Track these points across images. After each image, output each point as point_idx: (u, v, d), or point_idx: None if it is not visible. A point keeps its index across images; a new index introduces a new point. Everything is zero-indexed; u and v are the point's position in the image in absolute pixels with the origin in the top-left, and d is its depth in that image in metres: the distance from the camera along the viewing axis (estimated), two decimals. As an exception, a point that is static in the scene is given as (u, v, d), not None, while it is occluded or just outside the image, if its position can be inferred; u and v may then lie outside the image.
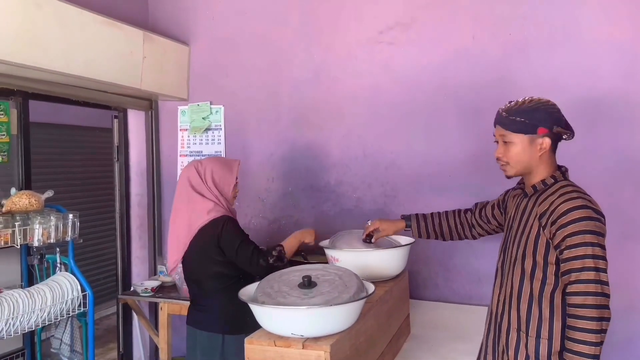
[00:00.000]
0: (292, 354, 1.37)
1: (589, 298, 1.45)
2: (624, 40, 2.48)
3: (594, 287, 1.45)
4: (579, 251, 1.46)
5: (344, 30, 2.99)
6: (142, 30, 2.91)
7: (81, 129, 4.87)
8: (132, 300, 3.10)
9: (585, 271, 1.45)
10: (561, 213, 1.50)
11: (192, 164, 2.28)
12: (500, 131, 1.63)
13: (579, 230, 1.47)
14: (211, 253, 2.14)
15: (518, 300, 1.60)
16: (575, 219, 1.48)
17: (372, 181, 2.97)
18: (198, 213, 2.17)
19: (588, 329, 1.44)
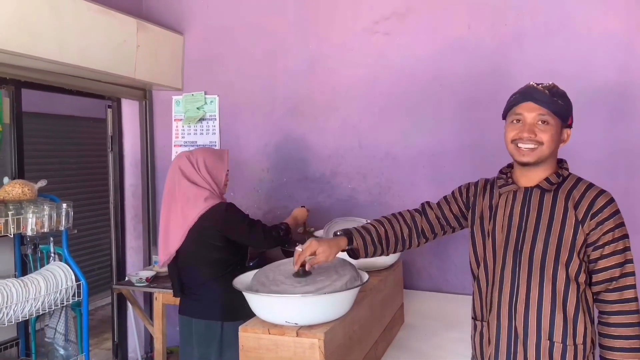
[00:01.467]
0: (286, 342, 1.38)
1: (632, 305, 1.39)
2: (618, 31, 2.49)
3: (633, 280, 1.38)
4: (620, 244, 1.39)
5: (339, 20, 2.98)
6: (136, 19, 2.89)
7: (75, 119, 4.84)
8: (126, 290, 3.10)
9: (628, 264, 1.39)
10: (601, 206, 1.40)
11: (183, 154, 2.29)
12: (538, 110, 1.42)
13: (619, 223, 1.40)
14: (212, 240, 2.16)
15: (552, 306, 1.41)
16: (614, 212, 1.40)
17: (367, 172, 2.97)
18: (193, 202, 2.17)
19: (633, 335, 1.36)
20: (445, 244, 2.82)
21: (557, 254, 1.39)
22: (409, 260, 2.83)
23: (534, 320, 1.41)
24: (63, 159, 4.81)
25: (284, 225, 2.35)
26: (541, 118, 1.42)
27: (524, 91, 1.45)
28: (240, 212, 2.23)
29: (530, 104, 1.43)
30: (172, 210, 2.22)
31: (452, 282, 2.82)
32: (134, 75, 2.89)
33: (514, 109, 1.46)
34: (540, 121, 1.42)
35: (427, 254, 2.86)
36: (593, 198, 1.40)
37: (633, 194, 2.50)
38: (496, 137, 2.66)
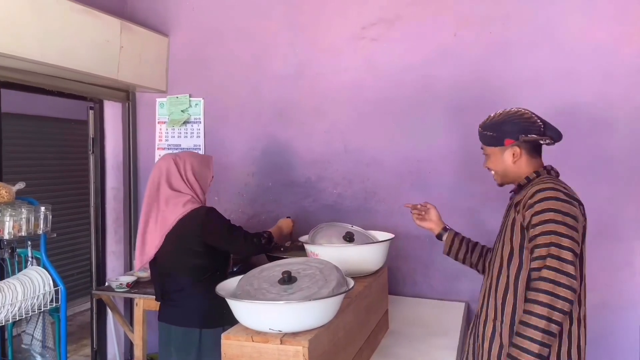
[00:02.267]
0: (270, 350, 1.35)
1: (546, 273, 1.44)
2: (603, 42, 2.52)
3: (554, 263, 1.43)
4: (546, 227, 1.48)
5: (327, 25, 2.98)
6: (120, 20, 2.85)
7: (55, 121, 4.76)
8: (106, 295, 3.03)
9: (545, 247, 1.46)
10: (530, 195, 1.56)
11: (169, 156, 2.24)
12: (481, 145, 1.77)
13: (545, 208, 1.50)
14: (191, 245, 2.11)
15: (496, 289, 1.63)
16: (541, 198, 1.52)
17: (353, 177, 2.96)
18: (172, 206, 2.13)
19: (535, 321, 1.41)
20: (430, 250, 2.82)
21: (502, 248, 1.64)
22: (394, 267, 2.82)
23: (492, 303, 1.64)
24: (43, 161, 4.71)
25: (266, 233, 2.30)
26: (483, 152, 1.77)
27: None
28: (221, 217, 2.18)
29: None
30: (152, 213, 2.17)
31: (437, 288, 2.82)
32: (117, 77, 2.85)
33: None
34: (484, 154, 1.77)
35: (412, 260, 2.86)
36: (528, 192, 1.57)
37: (616, 201, 2.54)
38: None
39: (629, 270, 2.53)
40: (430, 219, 2.07)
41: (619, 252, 2.55)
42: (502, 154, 1.69)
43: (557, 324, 1.41)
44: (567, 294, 1.41)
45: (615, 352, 2.57)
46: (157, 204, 2.16)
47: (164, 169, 2.19)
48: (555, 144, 2.13)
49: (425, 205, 2.09)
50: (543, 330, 1.40)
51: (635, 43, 2.48)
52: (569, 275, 1.42)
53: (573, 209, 1.52)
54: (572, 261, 1.43)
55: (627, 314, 2.54)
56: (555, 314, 1.40)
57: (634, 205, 2.52)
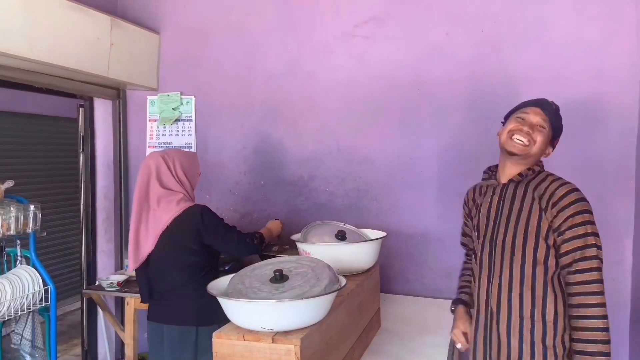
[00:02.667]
0: (262, 349, 1.35)
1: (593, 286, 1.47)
2: (594, 40, 2.54)
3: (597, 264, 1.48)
4: (581, 230, 1.49)
5: (319, 23, 2.97)
6: (110, 17, 2.82)
7: (45, 119, 4.71)
8: (96, 295, 3.01)
9: (589, 248, 1.48)
10: (561, 196, 1.53)
11: (157, 154, 2.23)
12: (542, 115, 1.63)
13: (580, 211, 1.51)
14: (187, 243, 2.11)
15: (521, 286, 1.55)
16: (573, 200, 1.51)
17: (345, 176, 2.96)
18: (165, 205, 2.12)
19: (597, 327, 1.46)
20: (422, 248, 2.83)
21: (524, 240, 1.55)
22: (386, 264, 2.83)
23: (505, 299, 1.57)
24: (32, 159, 4.67)
25: (258, 234, 2.33)
26: (542, 123, 1.61)
27: (536, 100, 1.68)
28: (216, 216, 2.19)
29: (537, 109, 1.63)
30: (144, 213, 2.15)
31: (429, 285, 2.83)
32: (107, 74, 2.82)
33: (522, 109, 1.66)
34: (540, 125, 1.61)
35: (404, 258, 2.86)
36: (554, 189, 1.54)
37: (606, 199, 2.55)
38: (473, 142, 2.71)
39: (619, 268, 2.55)
40: (464, 327, 1.78)
41: (609, 250, 2.54)
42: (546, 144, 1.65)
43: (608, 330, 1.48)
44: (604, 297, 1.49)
45: (605, 348, 2.59)
46: (148, 202, 2.15)
47: (153, 166, 2.17)
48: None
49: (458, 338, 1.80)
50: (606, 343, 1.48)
51: (624, 42, 2.50)
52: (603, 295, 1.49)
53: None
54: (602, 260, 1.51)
55: (617, 312, 2.56)
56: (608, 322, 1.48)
57: (624, 204, 2.54)
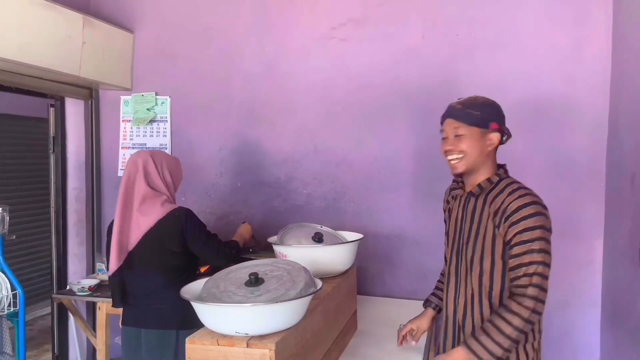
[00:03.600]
0: (236, 353, 1.33)
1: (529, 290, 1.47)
2: (565, 45, 2.59)
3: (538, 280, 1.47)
4: (532, 246, 1.48)
5: (296, 24, 2.96)
6: (83, 15, 2.76)
7: (14, 118, 4.58)
8: (67, 299, 2.93)
9: (533, 265, 1.47)
10: (512, 211, 1.50)
11: (145, 153, 2.19)
12: (453, 124, 1.60)
13: (529, 227, 1.48)
14: (171, 245, 2.09)
15: (480, 300, 1.58)
16: (525, 216, 1.49)
17: (322, 177, 2.95)
18: (150, 205, 2.09)
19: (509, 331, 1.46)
20: (399, 250, 2.85)
21: (481, 258, 1.58)
22: (363, 267, 2.83)
23: (469, 312, 1.61)
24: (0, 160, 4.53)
25: (235, 243, 2.33)
26: (457, 132, 1.59)
27: (445, 111, 1.65)
28: (199, 221, 2.18)
29: (448, 120, 1.62)
30: (127, 212, 2.11)
31: (406, 288, 2.84)
32: (78, 73, 2.76)
33: (441, 128, 1.66)
34: (456, 135, 1.59)
35: (381, 260, 2.87)
36: (508, 204, 1.52)
37: (578, 201, 2.61)
38: (449, 145, 2.74)
39: (590, 268, 2.61)
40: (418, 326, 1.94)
41: (580, 251, 2.62)
42: (483, 137, 1.58)
43: (525, 334, 1.48)
44: (542, 307, 1.48)
45: (577, 349, 2.64)
46: (132, 202, 2.11)
47: (141, 165, 2.13)
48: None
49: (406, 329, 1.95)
50: (513, 340, 1.47)
51: (595, 47, 2.56)
52: (545, 291, 1.49)
53: (549, 222, 1.53)
54: (548, 277, 1.49)
55: (588, 312, 2.62)
56: (528, 326, 1.47)
57: (594, 205, 2.59)
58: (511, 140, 1.68)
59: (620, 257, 2.34)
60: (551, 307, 2.64)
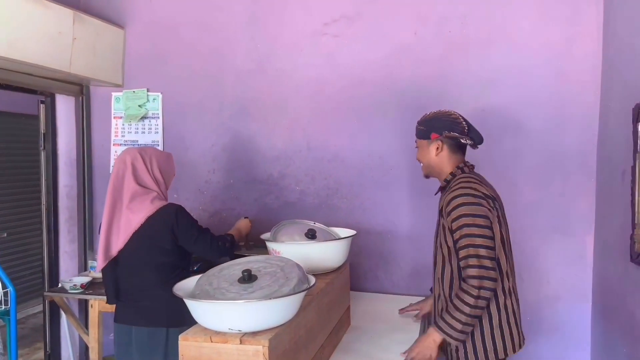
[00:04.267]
0: (229, 350, 1.32)
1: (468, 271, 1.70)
2: (556, 41, 2.61)
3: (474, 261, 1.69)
4: (462, 232, 1.72)
5: (289, 20, 2.95)
6: (73, 10, 2.73)
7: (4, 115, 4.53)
8: (59, 297, 2.92)
9: (465, 249, 1.71)
10: (447, 204, 1.78)
11: (134, 150, 2.18)
12: (415, 138, 1.96)
13: (459, 215, 1.73)
14: (161, 242, 2.07)
15: (442, 281, 1.87)
16: (455, 206, 1.74)
17: (315, 174, 2.95)
18: (139, 203, 2.08)
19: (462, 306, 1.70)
20: (392, 246, 2.85)
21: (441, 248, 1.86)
22: (356, 263, 2.84)
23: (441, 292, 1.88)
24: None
25: (229, 236, 2.30)
26: (415, 145, 1.98)
27: None
28: (190, 217, 2.17)
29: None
30: (117, 209, 2.10)
31: (399, 284, 2.85)
32: (69, 70, 2.73)
33: None
34: (415, 147, 1.97)
35: (374, 256, 2.88)
36: (447, 200, 1.78)
37: (568, 196, 2.63)
38: (441, 141, 2.74)
39: (581, 263, 2.63)
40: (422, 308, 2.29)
41: (571, 246, 2.64)
42: (428, 147, 1.89)
43: (480, 309, 1.70)
44: (490, 283, 1.68)
45: (568, 343, 2.67)
46: (121, 199, 2.10)
47: (129, 162, 2.12)
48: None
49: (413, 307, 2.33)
50: (468, 315, 1.69)
51: (586, 43, 2.57)
52: (488, 267, 1.69)
53: (481, 208, 1.73)
54: (487, 255, 1.70)
55: (579, 306, 2.64)
56: (480, 301, 1.68)
57: (584, 201, 2.61)
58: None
59: (610, 252, 2.36)
60: (542, 302, 2.67)
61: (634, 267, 2.03)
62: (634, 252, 2.02)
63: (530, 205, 2.64)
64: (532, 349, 2.65)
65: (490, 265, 1.68)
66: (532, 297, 2.64)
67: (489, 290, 1.68)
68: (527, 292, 2.57)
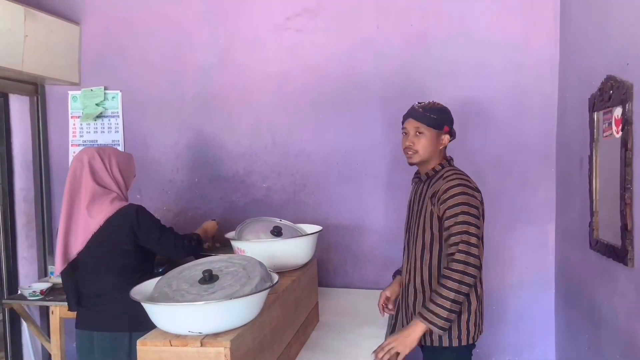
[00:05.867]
0: (190, 353, 1.29)
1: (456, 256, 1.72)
2: (515, 34, 2.65)
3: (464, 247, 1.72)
4: (457, 219, 1.75)
5: (250, 14, 2.90)
6: (24, 6, 2.62)
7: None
8: (18, 305, 2.81)
9: (459, 235, 1.73)
10: (443, 192, 1.80)
11: (92, 150, 2.12)
12: (414, 124, 1.89)
13: (456, 203, 1.76)
14: (121, 244, 2.02)
15: (421, 268, 1.87)
16: (452, 195, 1.78)
17: (281, 170, 2.92)
18: (98, 204, 2.02)
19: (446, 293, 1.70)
20: (360, 240, 2.86)
21: (423, 234, 1.87)
22: (325, 258, 2.83)
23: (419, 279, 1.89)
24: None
25: (195, 235, 2.26)
26: (417, 130, 1.89)
27: (408, 111, 1.94)
28: (152, 216, 2.12)
29: (410, 120, 1.91)
30: (74, 211, 2.03)
31: (367, 278, 2.86)
32: (21, 68, 2.62)
33: (403, 125, 1.95)
34: (416, 132, 1.89)
35: (342, 251, 2.88)
36: (441, 186, 1.81)
37: (530, 186, 2.69)
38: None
39: (543, 251, 2.69)
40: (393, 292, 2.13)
41: (533, 234, 2.70)
42: (438, 137, 1.89)
43: (464, 295, 1.72)
44: (474, 271, 1.72)
45: (533, 331, 2.72)
46: (79, 199, 2.03)
47: (86, 162, 2.06)
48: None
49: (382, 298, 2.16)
50: (452, 300, 1.70)
51: (542, 36, 2.62)
52: (475, 256, 1.73)
53: (476, 200, 1.80)
54: (476, 244, 1.74)
55: (542, 294, 2.70)
56: (463, 287, 1.71)
57: (545, 190, 2.67)
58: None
59: (571, 239, 2.42)
60: (506, 290, 2.72)
61: (593, 254, 2.08)
62: (593, 239, 2.07)
63: (493, 195, 2.67)
64: (498, 336, 2.71)
65: (477, 254, 1.73)
66: (496, 285, 2.68)
67: (472, 278, 1.71)
68: (491, 280, 2.61)
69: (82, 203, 2.03)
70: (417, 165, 1.95)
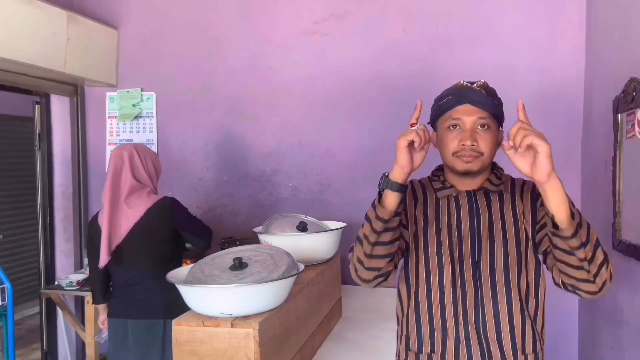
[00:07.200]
0: (221, 333, 1.37)
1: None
2: (539, 38, 2.67)
3: None
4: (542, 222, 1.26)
5: (280, 19, 3.00)
6: (66, 11, 2.78)
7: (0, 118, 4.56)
8: (55, 294, 2.95)
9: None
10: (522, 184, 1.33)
11: (130, 147, 2.25)
12: (477, 112, 1.23)
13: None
14: (161, 232, 2.15)
15: (511, 317, 1.26)
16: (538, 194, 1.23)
17: (307, 170, 3.00)
18: (137, 197, 2.15)
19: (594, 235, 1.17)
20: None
21: (518, 259, 1.25)
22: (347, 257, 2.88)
23: (507, 334, 1.25)
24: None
25: None
26: (481, 122, 1.23)
27: (458, 92, 1.25)
28: (186, 208, 2.28)
29: (467, 106, 1.23)
30: (116, 205, 2.14)
31: (390, 276, 2.89)
32: (63, 70, 2.78)
33: (448, 114, 1.25)
34: (480, 125, 1.23)
35: (366, 250, 2.92)
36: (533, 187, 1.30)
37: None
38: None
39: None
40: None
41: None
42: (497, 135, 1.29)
43: (604, 258, 1.15)
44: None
45: (556, 334, 2.71)
46: (119, 194, 2.15)
47: (126, 158, 2.19)
48: None
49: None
50: (595, 242, 1.15)
51: (568, 41, 2.64)
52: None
53: None
54: None
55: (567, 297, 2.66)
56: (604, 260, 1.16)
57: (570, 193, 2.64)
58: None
59: (594, 241, 2.41)
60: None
61: (617, 254, 2.08)
62: (616, 239, 2.08)
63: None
64: None
65: None
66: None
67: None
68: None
69: (122, 197, 2.15)
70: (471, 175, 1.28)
